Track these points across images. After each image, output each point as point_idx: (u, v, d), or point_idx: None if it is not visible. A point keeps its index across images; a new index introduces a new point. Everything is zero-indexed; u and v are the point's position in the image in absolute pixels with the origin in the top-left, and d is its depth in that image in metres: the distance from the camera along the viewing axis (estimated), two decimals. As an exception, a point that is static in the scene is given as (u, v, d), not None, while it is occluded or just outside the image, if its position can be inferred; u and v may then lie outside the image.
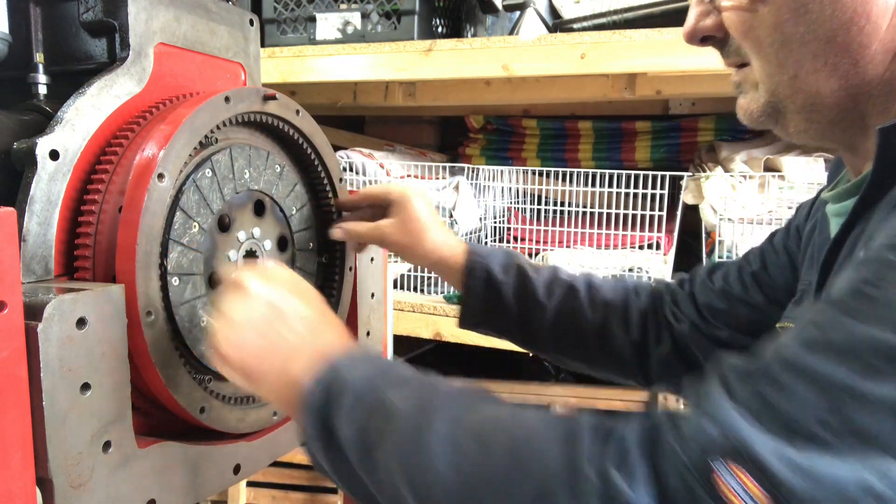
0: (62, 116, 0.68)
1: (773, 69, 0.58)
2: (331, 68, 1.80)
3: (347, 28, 1.82)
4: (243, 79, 0.91)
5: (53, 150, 0.66)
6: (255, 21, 0.92)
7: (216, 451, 0.76)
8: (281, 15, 1.88)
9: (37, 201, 0.65)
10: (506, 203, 1.92)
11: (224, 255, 0.78)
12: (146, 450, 0.66)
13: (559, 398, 1.90)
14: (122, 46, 0.75)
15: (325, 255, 0.95)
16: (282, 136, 0.87)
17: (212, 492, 0.75)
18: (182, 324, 0.71)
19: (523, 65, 1.61)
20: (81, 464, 0.59)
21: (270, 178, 0.84)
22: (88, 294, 0.59)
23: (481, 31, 2.04)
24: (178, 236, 0.71)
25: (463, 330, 0.95)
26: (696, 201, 1.65)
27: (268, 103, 0.82)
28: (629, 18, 1.65)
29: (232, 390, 0.80)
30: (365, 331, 1.04)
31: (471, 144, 2.36)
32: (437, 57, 1.69)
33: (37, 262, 0.65)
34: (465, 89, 1.94)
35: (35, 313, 0.54)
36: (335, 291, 0.95)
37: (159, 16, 0.78)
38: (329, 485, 2.02)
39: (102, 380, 0.60)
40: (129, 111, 0.74)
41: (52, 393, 0.56)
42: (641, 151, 2.13)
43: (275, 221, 0.86)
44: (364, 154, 2.01)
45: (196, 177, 0.73)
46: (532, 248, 1.83)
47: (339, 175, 0.94)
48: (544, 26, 1.77)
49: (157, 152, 0.68)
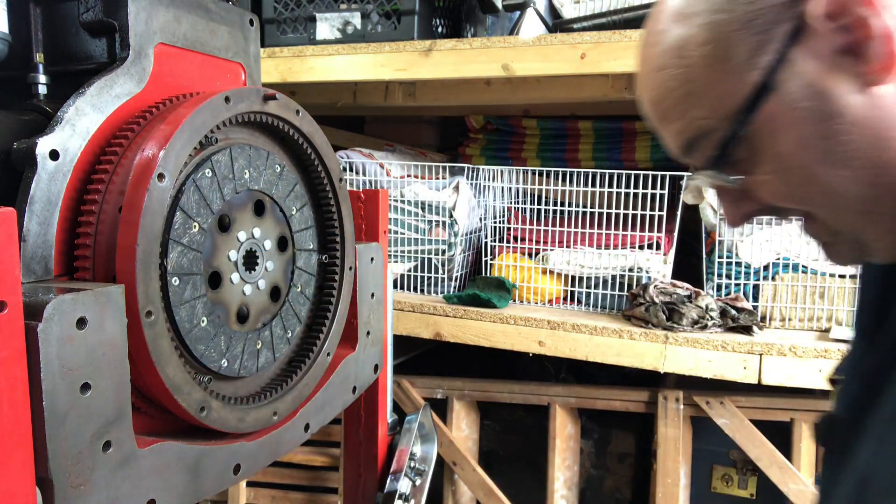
0: (62, 116, 0.68)
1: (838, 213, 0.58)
2: (331, 68, 1.80)
3: (347, 28, 1.82)
4: (243, 79, 0.91)
5: (53, 150, 0.66)
6: (255, 21, 0.92)
7: (216, 451, 0.76)
8: (281, 15, 1.88)
9: (37, 201, 0.65)
10: (506, 203, 1.92)
11: (224, 255, 0.78)
12: (146, 450, 0.66)
13: (559, 398, 1.90)
14: (122, 46, 0.75)
15: (325, 255, 0.95)
16: (282, 136, 0.87)
17: (212, 492, 0.75)
18: (182, 324, 0.71)
19: (523, 65, 1.61)
20: (81, 464, 0.59)
21: (270, 178, 0.84)
22: (88, 294, 0.59)
23: (481, 31, 2.04)
24: (178, 236, 0.71)
25: (463, 330, 0.94)
26: (696, 201, 1.64)
27: (268, 103, 0.82)
28: (629, 18, 1.65)
29: (232, 390, 0.80)
30: (365, 331, 1.04)
31: (471, 144, 2.36)
32: (437, 57, 1.69)
33: (37, 262, 0.65)
34: (465, 89, 1.94)
35: (35, 313, 0.54)
36: (335, 291, 0.95)
37: (159, 16, 0.78)
38: (329, 485, 2.02)
39: (102, 380, 0.60)
40: (129, 111, 0.74)
41: (52, 393, 0.56)
42: (641, 151, 2.13)
43: (275, 221, 0.86)
44: (364, 154, 2.01)
45: (196, 177, 0.73)
46: (532, 248, 1.83)
47: (339, 175, 0.94)
48: (544, 26, 1.77)
49: (157, 152, 0.67)
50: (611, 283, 1.75)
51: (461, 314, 1.71)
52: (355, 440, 1.18)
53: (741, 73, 0.55)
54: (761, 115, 0.55)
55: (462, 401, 2.01)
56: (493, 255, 1.90)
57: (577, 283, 1.80)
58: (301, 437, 0.91)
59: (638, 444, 2.00)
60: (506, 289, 1.79)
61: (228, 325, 0.78)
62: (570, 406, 1.92)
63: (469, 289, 1.79)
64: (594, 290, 1.77)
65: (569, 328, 1.63)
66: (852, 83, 0.53)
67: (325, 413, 0.95)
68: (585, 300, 1.79)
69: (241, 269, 0.80)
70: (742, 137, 0.57)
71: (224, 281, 0.78)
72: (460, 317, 1.71)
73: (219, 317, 0.76)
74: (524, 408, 2.04)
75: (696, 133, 0.60)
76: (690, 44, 0.58)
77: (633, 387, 1.85)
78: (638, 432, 1.99)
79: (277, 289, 0.86)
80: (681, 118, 0.60)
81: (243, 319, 0.81)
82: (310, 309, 0.93)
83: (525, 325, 1.67)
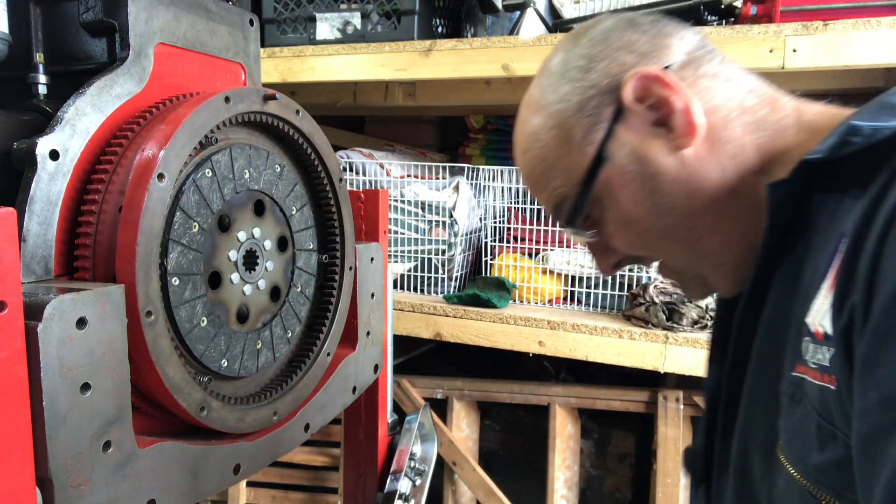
0: (62, 116, 0.68)
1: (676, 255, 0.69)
2: (331, 68, 1.80)
3: (347, 28, 1.82)
4: (243, 79, 0.91)
5: (53, 150, 0.66)
6: (255, 21, 0.92)
7: (216, 451, 0.76)
8: (281, 15, 1.88)
9: (37, 201, 0.65)
10: (506, 203, 1.92)
11: (224, 255, 0.78)
12: (146, 450, 0.66)
13: (559, 398, 1.90)
14: (122, 46, 0.75)
15: (325, 255, 0.95)
16: (282, 136, 0.87)
17: (212, 492, 0.75)
18: (182, 324, 0.71)
19: (523, 65, 1.61)
20: (81, 464, 0.59)
21: (270, 178, 0.84)
22: (88, 294, 0.59)
23: (481, 31, 2.04)
24: (178, 236, 0.71)
25: (463, 330, 0.95)
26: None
27: (268, 103, 0.82)
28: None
29: (232, 390, 0.80)
30: (365, 331, 1.04)
31: (471, 144, 2.36)
32: (437, 57, 1.69)
33: (37, 262, 0.65)
34: (465, 89, 1.94)
35: (35, 313, 0.54)
36: (335, 291, 0.95)
37: (159, 16, 0.78)
38: (329, 485, 2.02)
39: (102, 380, 0.60)
40: (129, 111, 0.74)
41: (52, 393, 0.56)
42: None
43: (275, 221, 0.86)
44: (364, 154, 2.01)
45: (196, 177, 0.73)
46: (532, 248, 1.83)
47: (339, 175, 0.94)
48: (544, 26, 1.77)
49: (157, 152, 0.67)
50: (611, 283, 1.75)
51: (461, 314, 1.71)
52: (355, 440, 1.18)
53: (582, 148, 0.67)
54: (601, 180, 0.67)
55: (462, 401, 2.01)
56: (493, 255, 1.90)
57: (577, 283, 1.80)
58: (301, 437, 0.91)
59: (638, 444, 2.00)
60: (506, 289, 1.79)
61: (228, 325, 0.78)
62: (570, 406, 1.92)
63: (469, 289, 1.79)
64: (594, 290, 1.77)
65: (569, 328, 1.63)
66: (666, 148, 0.65)
67: (325, 413, 0.95)
68: (585, 300, 1.79)
69: (241, 269, 0.80)
70: (591, 200, 0.68)
71: (224, 281, 0.78)
72: (460, 317, 1.71)
73: (219, 317, 0.76)
74: (524, 408, 2.04)
75: (557, 200, 0.71)
76: (542, 129, 0.71)
77: (633, 387, 1.85)
78: (638, 432, 1.99)
79: (277, 289, 0.86)
80: (545, 189, 0.72)
81: (243, 319, 0.81)
82: (310, 309, 0.93)
83: (525, 325, 1.66)
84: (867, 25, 1.34)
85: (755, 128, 0.66)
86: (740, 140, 0.65)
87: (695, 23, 1.55)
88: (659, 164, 0.65)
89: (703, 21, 1.59)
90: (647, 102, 0.66)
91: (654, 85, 0.65)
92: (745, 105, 0.66)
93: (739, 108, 0.66)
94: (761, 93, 0.68)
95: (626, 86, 0.65)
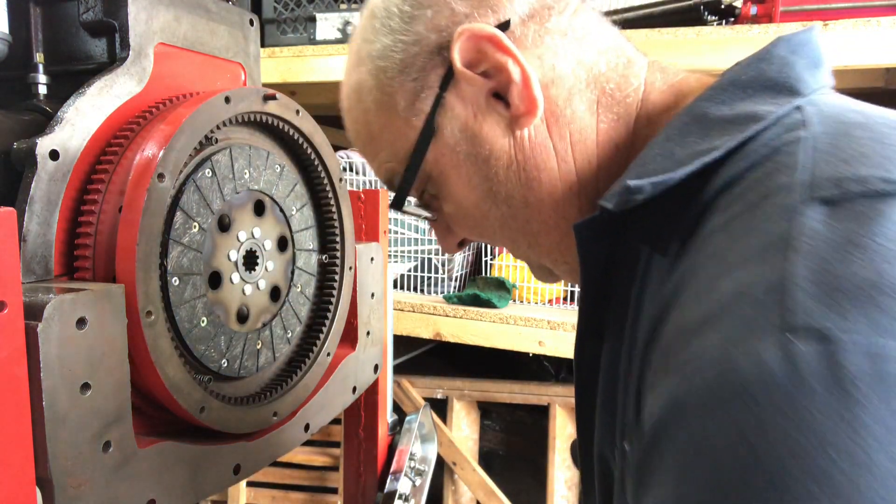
0: (62, 116, 0.68)
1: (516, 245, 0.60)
2: (331, 68, 1.80)
3: (347, 28, 1.82)
4: (243, 79, 0.91)
5: (53, 150, 0.66)
6: (255, 21, 0.92)
7: (216, 451, 0.76)
8: (281, 15, 1.88)
9: (37, 201, 0.65)
10: (506, 203, 1.92)
11: (224, 255, 0.78)
12: (146, 450, 0.66)
13: (559, 398, 1.90)
14: (122, 46, 0.75)
15: (325, 255, 0.95)
16: (282, 136, 0.87)
17: (212, 492, 0.75)
18: (182, 324, 0.71)
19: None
20: (81, 464, 0.59)
21: (270, 178, 0.84)
22: (88, 294, 0.59)
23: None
24: (178, 236, 0.71)
25: (463, 330, 0.95)
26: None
27: (268, 103, 0.82)
28: (629, 18, 1.65)
29: (232, 390, 0.80)
30: (365, 331, 1.04)
31: (471, 144, 2.35)
32: (437, 57, 1.68)
33: (37, 262, 0.65)
34: (465, 89, 1.94)
35: (35, 313, 0.54)
36: (335, 291, 0.95)
37: (159, 16, 0.78)
38: (329, 485, 2.02)
39: (102, 380, 0.60)
40: (129, 111, 0.74)
41: (52, 393, 0.56)
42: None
43: (275, 221, 0.86)
44: (364, 154, 2.01)
45: (196, 177, 0.73)
46: (532, 248, 1.83)
47: (339, 175, 0.94)
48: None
49: (157, 152, 0.67)
50: (611, 283, 1.75)
51: (461, 314, 1.71)
52: (355, 440, 1.18)
53: (407, 119, 0.56)
54: (430, 158, 0.56)
55: (462, 401, 2.01)
56: (493, 254, 1.90)
57: (577, 283, 1.79)
58: (301, 437, 0.91)
59: (638, 444, 2.00)
60: (506, 289, 1.79)
61: (228, 325, 0.78)
62: (570, 406, 1.92)
63: (469, 289, 1.79)
64: (594, 290, 1.77)
65: (569, 328, 1.63)
66: (501, 127, 0.54)
67: (325, 413, 0.95)
68: (585, 300, 1.79)
69: (241, 269, 0.80)
70: (422, 178, 0.58)
71: (224, 281, 0.78)
72: (460, 317, 1.71)
73: (219, 317, 0.77)
74: (524, 408, 2.04)
75: (387, 175, 0.61)
76: (364, 89, 0.59)
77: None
78: (638, 432, 1.99)
79: (277, 289, 0.86)
80: (374, 159, 0.62)
81: (243, 319, 0.81)
82: (310, 309, 0.93)
83: (525, 325, 1.67)
84: (867, 25, 1.34)
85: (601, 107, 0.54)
86: (582, 122, 0.54)
87: (695, 23, 1.55)
88: (493, 145, 0.54)
89: (703, 21, 1.59)
90: (479, 68, 0.53)
91: (488, 46, 0.52)
92: (594, 74, 0.54)
93: (587, 79, 0.54)
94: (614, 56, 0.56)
95: (454, 46, 0.53)
